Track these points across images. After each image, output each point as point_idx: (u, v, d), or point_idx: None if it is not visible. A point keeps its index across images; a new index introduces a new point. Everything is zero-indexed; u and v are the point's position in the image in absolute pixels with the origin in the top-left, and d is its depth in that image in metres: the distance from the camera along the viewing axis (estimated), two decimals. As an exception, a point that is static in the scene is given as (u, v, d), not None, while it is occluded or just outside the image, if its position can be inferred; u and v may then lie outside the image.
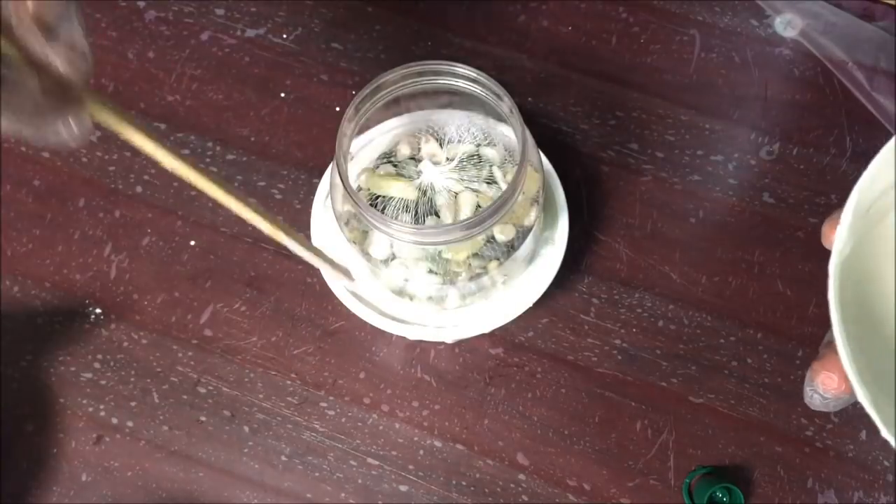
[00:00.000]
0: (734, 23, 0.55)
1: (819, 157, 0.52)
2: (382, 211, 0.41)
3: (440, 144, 0.43)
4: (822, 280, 0.51)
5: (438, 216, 0.41)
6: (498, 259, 0.41)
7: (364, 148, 0.45)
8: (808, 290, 0.49)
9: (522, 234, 0.42)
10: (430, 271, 0.41)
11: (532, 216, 0.42)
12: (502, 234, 0.41)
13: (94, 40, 0.55)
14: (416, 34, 0.54)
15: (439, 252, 0.41)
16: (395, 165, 0.42)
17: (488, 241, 0.41)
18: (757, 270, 0.50)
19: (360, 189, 0.42)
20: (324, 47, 0.54)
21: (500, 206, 0.38)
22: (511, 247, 0.41)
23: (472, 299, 0.44)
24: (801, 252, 0.50)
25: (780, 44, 0.54)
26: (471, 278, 0.41)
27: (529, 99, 0.53)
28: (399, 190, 0.41)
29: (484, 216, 0.38)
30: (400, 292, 0.44)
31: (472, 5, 0.55)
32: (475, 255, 0.41)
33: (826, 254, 0.52)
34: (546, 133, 0.52)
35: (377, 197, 0.41)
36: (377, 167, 0.43)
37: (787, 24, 0.55)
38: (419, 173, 0.41)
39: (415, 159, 0.43)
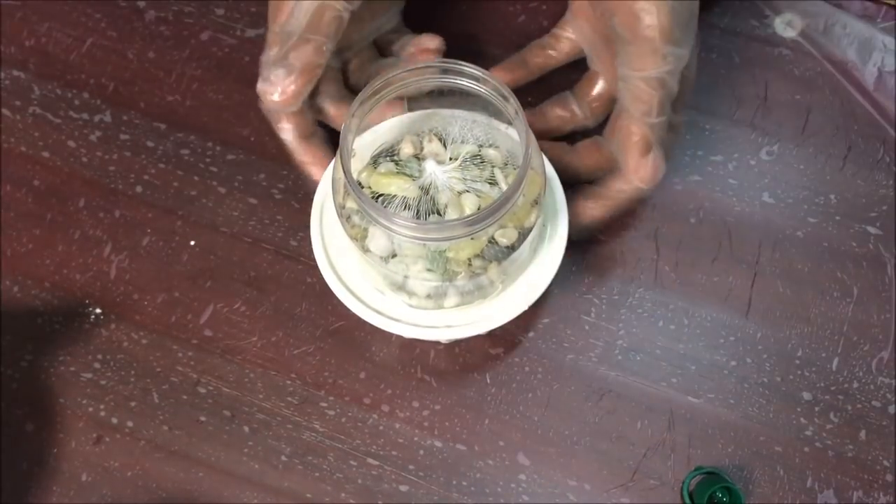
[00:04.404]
0: (734, 23, 0.55)
1: (819, 157, 0.52)
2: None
3: (443, 144, 0.43)
4: (822, 280, 0.51)
5: (440, 215, 0.41)
6: (498, 260, 0.41)
7: (366, 146, 0.45)
8: (808, 289, 0.49)
9: (523, 235, 0.42)
10: (430, 269, 0.41)
11: (532, 218, 0.42)
12: (504, 237, 0.41)
13: (94, 40, 0.55)
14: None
15: (441, 251, 0.41)
16: (397, 164, 0.43)
17: (490, 242, 0.41)
18: (757, 270, 0.50)
19: (360, 186, 0.42)
20: (324, 47, 0.54)
21: (501, 205, 0.38)
22: (511, 248, 0.41)
23: (470, 298, 0.44)
24: (801, 252, 0.50)
25: (780, 44, 0.54)
26: (470, 278, 0.41)
27: (529, 99, 0.53)
28: (400, 188, 0.41)
29: (485, 213, 0.38)
30: (399, 289, 0.44)
31: (472, 5, 0.55)
32: (477, 255, 0.41)
33: (826, 254, 0.52)
34: (546, 133, 0.52)
35: (379, 195, 0.41)
36: (378, 164, 0.43)
37: (787, 24, 0.55)
38: (421, 172, 0.41)
39: (417, 157, 0.43)
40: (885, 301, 0.49)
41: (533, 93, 0.53)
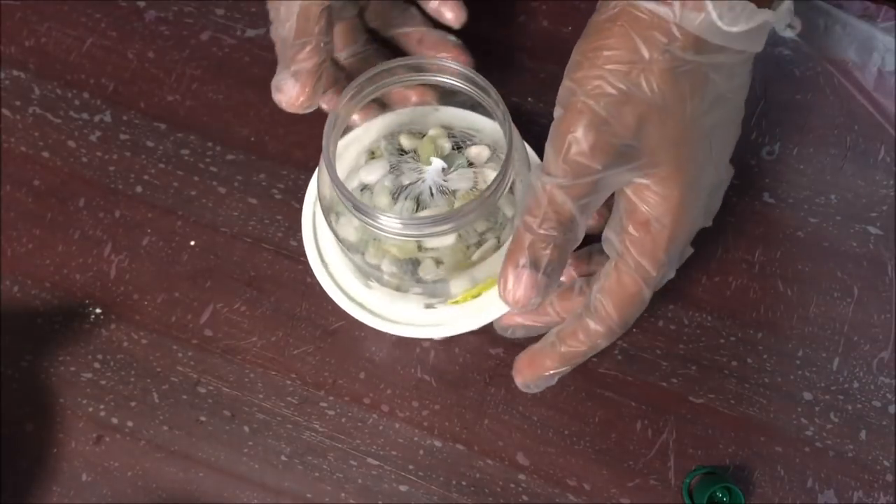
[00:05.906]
0: (734, 23, 0.55)
1: (819, 157, 0.52)
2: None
3: (430, 142, 0.43)
4: (822, 280, 0.51)
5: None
6: (497, 238, 0.42)
7: (349, 147, 0.45)
8: (808, 290, 0.49)
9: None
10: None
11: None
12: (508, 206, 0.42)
13: (94, 40, 0.55)
14: None
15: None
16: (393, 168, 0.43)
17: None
18: (757, 270, 0.50)
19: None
20: (324, 47, 0.54)
21: (483, 201, 0.38)
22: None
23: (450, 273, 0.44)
24: (801, 252, 0.50)
25: (780, 44, 0.54)
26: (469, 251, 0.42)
27: (529, 99, 0.53)
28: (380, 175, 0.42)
29: (468, 209, 0.38)
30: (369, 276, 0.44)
31: (472, 5, 0.55)
32: (490, 228, 0.41)
33: (826, 254, 0.52)
34: (546, 133, 0.52)
35: (363, 188, 0.42)
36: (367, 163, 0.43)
37: (787, 25, 0.54)
38: (412, 170, 0.42)
39: (401, 153, 0.43)
40: (886, 301, 0.49)
41: (532, 93, 0.53)
